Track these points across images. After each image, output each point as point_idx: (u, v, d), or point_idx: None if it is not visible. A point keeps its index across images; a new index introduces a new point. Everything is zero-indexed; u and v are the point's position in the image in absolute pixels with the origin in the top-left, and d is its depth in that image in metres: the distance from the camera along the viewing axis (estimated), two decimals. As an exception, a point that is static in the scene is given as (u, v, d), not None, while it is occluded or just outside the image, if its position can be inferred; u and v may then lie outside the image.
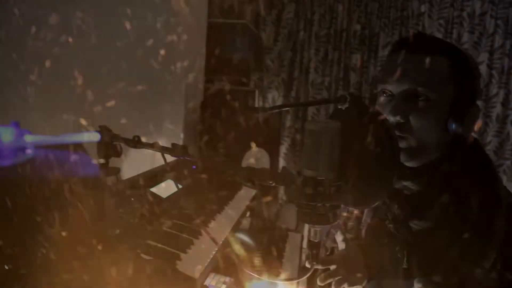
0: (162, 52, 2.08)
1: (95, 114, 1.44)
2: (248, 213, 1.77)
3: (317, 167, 0.73)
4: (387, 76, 1.08)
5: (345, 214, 1.26)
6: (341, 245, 1.18)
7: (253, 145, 2.49)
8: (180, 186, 1.45)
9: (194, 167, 1.66)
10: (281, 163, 3.61)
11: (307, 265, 0.85)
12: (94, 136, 0.53)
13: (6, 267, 0.69)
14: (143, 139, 1.17)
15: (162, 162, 1.05)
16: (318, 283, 1.09)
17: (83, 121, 0.99)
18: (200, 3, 2.47)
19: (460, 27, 3.50)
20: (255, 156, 2.54)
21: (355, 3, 3.70)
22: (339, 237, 1.18)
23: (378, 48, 3.65)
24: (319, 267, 1.12)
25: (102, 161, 1.31)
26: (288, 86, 3.86)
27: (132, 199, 1.23)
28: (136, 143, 1.19)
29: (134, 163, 1.65)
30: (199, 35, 2.49)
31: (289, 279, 1.38)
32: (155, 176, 1.42)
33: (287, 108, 3.67)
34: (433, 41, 1.12)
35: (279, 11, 3.82)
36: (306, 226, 0.81)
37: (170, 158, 1.09)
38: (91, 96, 1.45)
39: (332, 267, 1.11)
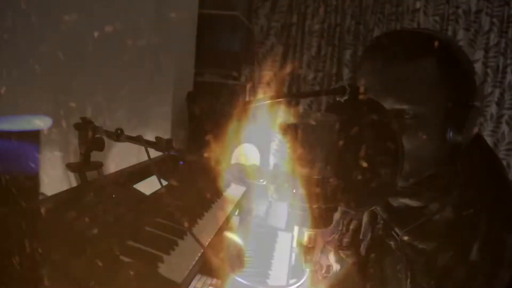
0: (151, 43, 2.00)
1: (78, 105, 1.37)
2: (236, 212, 1.71)
3: (312, 165, 0.66)
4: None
5: (339, 228, 1.17)
6: (336, 266, 1.10)
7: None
8: (165, 183, 1.37)
9: (181, 162, 1.59)
10: (272, 160, 3.55)
11: None
12: (44, 122, 0.44)
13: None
14: (132, 132, 1.10)
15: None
16: None
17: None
18: (191, -7, 2.40)
19: (455, 24, 3.45)
20: (244, 152, 2.47)
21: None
22: (332, 258, 1.10)
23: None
24: None
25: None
26: (280, 81, 3.80)
27: (113, 196, 1.16)
28: (118, 136, 1.12)
29: (119, 157, 1.57)
30: (189, 27, 2.41)
31: (277, 287, 1.31)
32: (139, 172, 1.34)
33: (278, 100, 3.61)
34: (413, 39, 0.94)
35: (272, 4, 3.75)
36: (297, 227, 0.74)
37: (156, 153, 1.02)
38: (75, 87, 1.38)
39: None
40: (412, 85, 0.89)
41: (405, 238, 0.96)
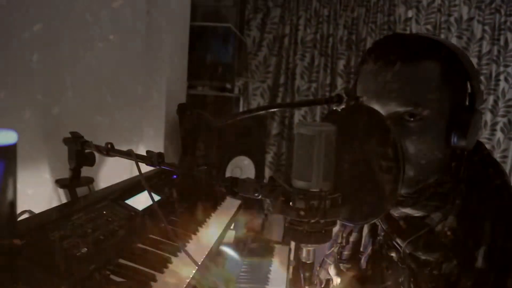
0: (143, 56, 1.98)
1: (67, 119, 1.34)
2: (232, 225, 1.67)
3: (309, 178, 0.63)
4: (367, 97, 0.90)
5: (339, 241, 1.13)
6: (336, 280, 1.06)
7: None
8: (158, 198, 1.34)
9: (174, 176, 1.56)
10: (267, 172, 3.52)
11: None
12: (8, 137, 0.39)
13: None
14: (123, 147, 1.07)
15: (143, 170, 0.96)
16: None
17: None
18: (183, 5, 2.38)
19: (448, 32, 3.46)
20: (239, 165, 2.44)
21: (342, 7, 3.64)
22: (332, 271, 1.07)
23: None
24: None
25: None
26: (274, 93, 3.78)
27: (104, 212, 1.13)
28: (109, 150, 1.09)
29: (110, 172, 1.54)
30: (181, 39, 2.39)
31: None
32: (131, 187, 1.31)
33: (272, 110, 3.59)
34: (415, 43, 0.91)
35: (264, 15, 3.75)
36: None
37: (149, 167, 0.99)
38: (66, 102, 1.35)
39: None
40: (415, 87, 0.86)
41: (408, 249, 0.93)
